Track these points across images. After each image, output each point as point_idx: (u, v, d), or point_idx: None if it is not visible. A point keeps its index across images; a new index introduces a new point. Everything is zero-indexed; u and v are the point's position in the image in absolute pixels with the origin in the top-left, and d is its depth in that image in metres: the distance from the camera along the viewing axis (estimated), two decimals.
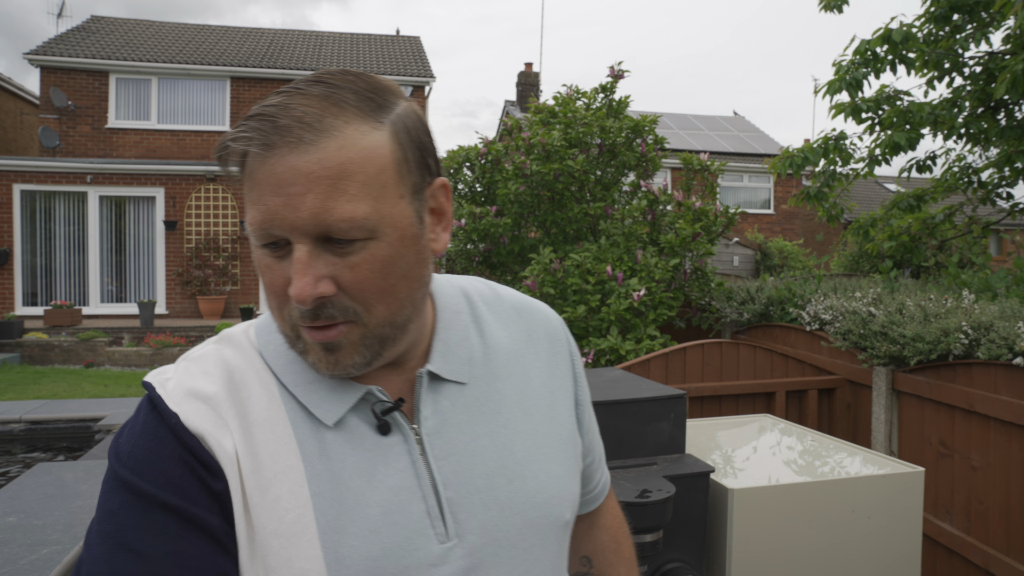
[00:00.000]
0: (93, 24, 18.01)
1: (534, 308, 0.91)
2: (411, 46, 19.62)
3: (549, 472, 0.80)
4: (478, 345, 0.82)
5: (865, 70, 5.99)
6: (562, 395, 0.87)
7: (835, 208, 6.73)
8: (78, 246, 13.23)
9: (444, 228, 0.75)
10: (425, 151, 0.71)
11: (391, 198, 0.67)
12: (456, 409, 0.76)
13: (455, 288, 0.86)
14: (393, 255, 0.67)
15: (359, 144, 0.65)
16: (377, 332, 0.69)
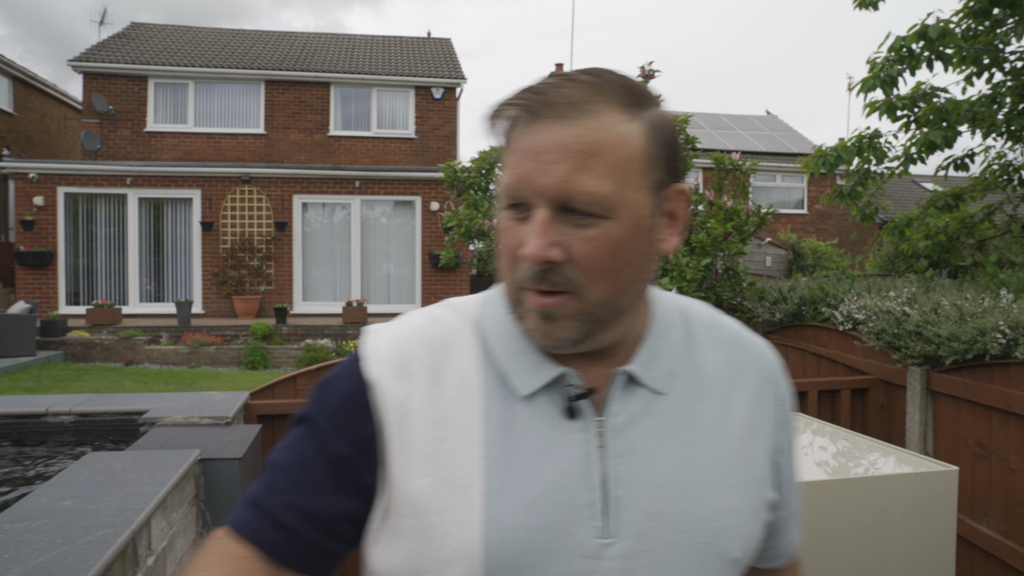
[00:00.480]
0: (133, 31, 18.42)
1: (752, 342, 0.87)
2: (442, 48, 19.75)
3: (727, 502, 0.76)
4: (684, 361, 0.81)
5: (900, 67, 5.91)
6: (762, 435, 0.82)
7: (869, 207, 6.65)
8: (118, 247, 13.55)
9: (674, 232, 0.77)
10: (672, 154, 0.74)
11: (633, 185, 0.70)
12: (646, 415, 0.76)
13: (674, 304, 0.86)
14: (624, 238, 0.70)
15: (614, 129, 0.69)
16: (593, 310, 0.71)
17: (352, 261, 14.14)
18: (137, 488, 1.98)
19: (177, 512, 2.19)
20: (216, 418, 2.95)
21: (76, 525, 1.71)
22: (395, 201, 14.29)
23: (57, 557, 1.54)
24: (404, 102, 17.49)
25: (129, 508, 1.82)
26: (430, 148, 17.38)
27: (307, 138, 16.98)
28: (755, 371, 0.84)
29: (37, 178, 13.06)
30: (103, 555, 1.55)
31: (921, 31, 5.71)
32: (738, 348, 0.85)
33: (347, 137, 17.10)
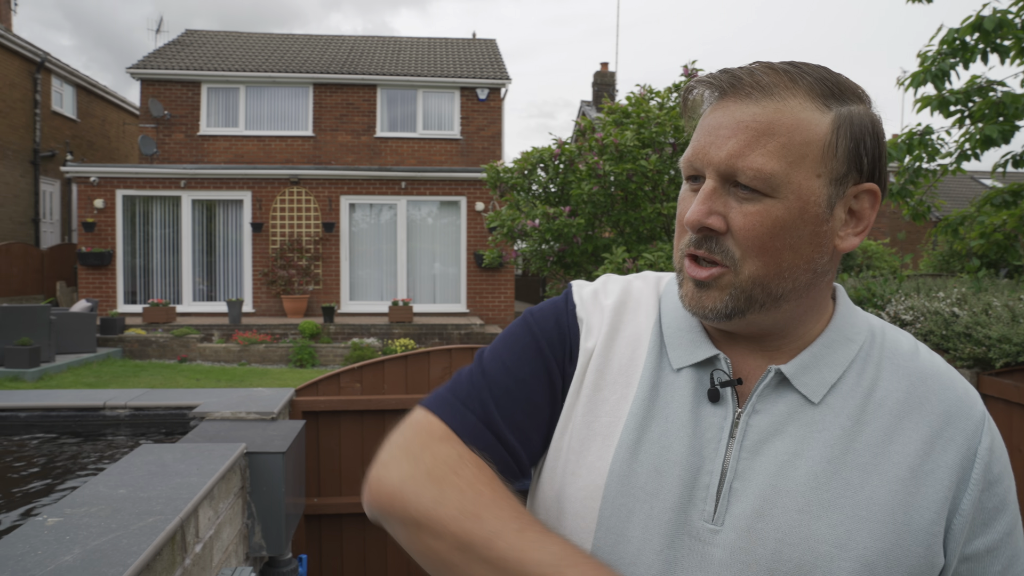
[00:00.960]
0: (187, 38, 18.97)
1: (946, 383, 0.78)
2: (487, 49, 19.86)
3: (851, 534, 0.70)
4: (852, 379, 0.76)
5: (953, 60, 5.75)
6: (931, 483, 0.73)
7: (921, 206, 6.48)
8: (173, 247, 13.98)
9: (856, 233, 0.75)
10: (862, 152, 0.73)
11: (806, 171, 0.71)
12: (789, 419, 0.74)
13: (866, 323, 0.81)
14: (786, 219, 0.71)
15: (796, 114, 0.71)
16: (746, 286, 0.73)
17: (398, 261, 14.32)
18: (186, 479, 2.06)
19: (224, 503, 2.27)
20: (262, 414, 3.05)
21: (129, 512, 1.80)
22: (440, 201, 14.42)
23: (112, 540, 1.62)
24: (449, 103, 17.65)
25: (178, 497, 1.90)
26: (475, 148, 17.49)
27: (354, 140, 17.25)
28: (938, 412, 0.76)
29: (97, 181, 13.56)
30: (153, 540, 1.63)
31: (976, 23, 5.55)
32: (925, 384, 0.77)
33: (393, 138, 17.33)
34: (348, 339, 12.21)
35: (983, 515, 0.75)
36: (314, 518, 3.62)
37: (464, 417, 0.80)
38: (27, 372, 9.00)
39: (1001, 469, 0.77)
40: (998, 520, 0.76)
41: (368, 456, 3.82)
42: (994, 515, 0.76)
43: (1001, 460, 0.77)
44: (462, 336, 12.56)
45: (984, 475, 0.75)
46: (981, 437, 0.76)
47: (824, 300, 0.79)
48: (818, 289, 0.77)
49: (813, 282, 0.76)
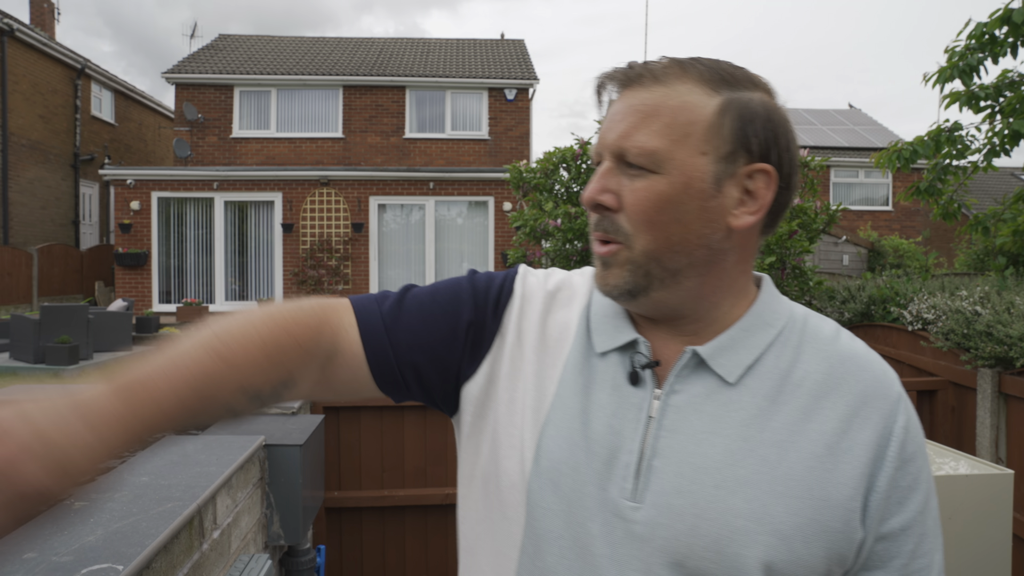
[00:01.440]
0: (220, 42, 19.33)
1: (866, 366, 0.80)
2: (515, 49, 19.92)
3: (767, 508, 0.73)
4: (771, 361, 0.79)
5: (981, 55, 5.68)
6: (848, 460, 0.75)
7: (951, 204, 6.39)
8: (206, 248, 14.27)
9: (751, 212, 0.78)
10: (749, 133, 0.76)
11: (689, 149, 0.75)
12: (707, 399, 0.77)
13: (788, 310, 0.84)
14: (670, 194, 0.75)
15: (682, 97, 0.76)
16: (641, 261, 0.77)
17: (426, 261, 14.45)
18: (205, 468, 2.16)
19: (242, 492, 2.36)
20: (283, 408, 3.14)
21: (150, 498, 1.89)
22: (468, 202, 14.52)
23: (132, 523, 1.71)
24: (477, 104, 17.74)
25: (196, 485, 1.99)
26: (503, 149, 17.56)
27: (383, 141, 17.44)
28: (856, 392, 0.78)
29: (134, 184, 13.90)
30: (171, 524, 1.71)
31: (1004, 16, 5.48)
32: (844, 366, 0.79)
33: (422, 139, 17.47)
34: None
35: (898, 493, 0.77)
36: (335, 511, 3.72)
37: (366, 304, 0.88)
38: (67, 369, 9.28)
39: (915, 448, 0.78)
40: (911, 499, 0.77)
41: (387, 451, 3.91)
42: (908, 493, 0.77)
43: (916, 439, 0.79)
44: None
45: (899, 453, 0.77)
46: (897, 416, 0.78)
47: (739, 285, 0.82)
48: (721, 269, 0.79)
49: (712, 260, 0.78)
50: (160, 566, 1.68)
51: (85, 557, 1.52)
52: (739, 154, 0.77)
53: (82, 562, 1.50)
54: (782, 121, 0.79)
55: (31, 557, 1.51)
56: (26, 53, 16.57)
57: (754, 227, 0.79)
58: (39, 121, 17.03)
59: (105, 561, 1.51)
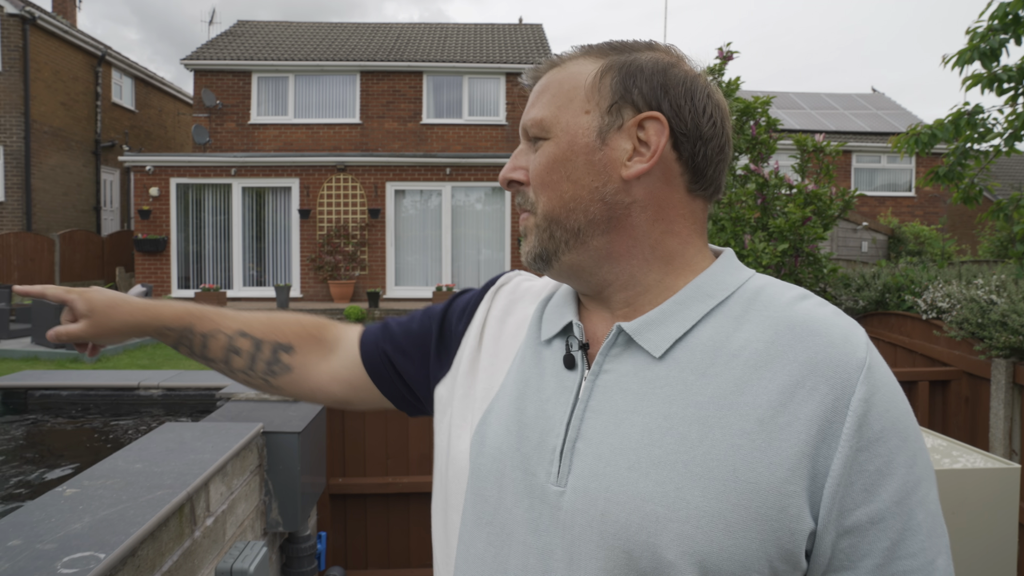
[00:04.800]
0: (239, 28, 19.38)
1: (819, 330, 0.71)
2: (533, 34, 19.77)
3: (681, 492, 0.66)
4: (706, 334, 0.73)
5: (1004, 36, 5.52)
6: (784, 437, 0.66)
7: (973, 189, 6.26)
8: (224, 234, 14.39)
9: (643, 160, 0.76)
10: (631, 85, 0.77)
11: (573, 111, 0.78)
12: (634, 377, 0.73)
13: (735, 280, 0.78)
14: (559, 155, 0.78)
15: (569, 70, 0.81)
16: (543, 224, 0.79)
17: (443, 247, 14.46)
18: (200, 455, 2.16)
19: (238, 479, 2.37)
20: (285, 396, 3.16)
21: (141, 485, 1.90)
22: (486, 188, 14.49)
23: (120, 511, 1.72)
24: (495, 89, 17.66)
25: (189, 472, 2.00)
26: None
27: (400, 126, 17.42)
28: (801, 361, 0.69)
29: (153, 170, 14.02)
30: (158, 511, 1.72)
31: None
32: (793, 332, 0.70)
33: (439, 125, 17.44)
34: None
35: (863, 479, 0.66)
36: (339, 497, 3.73)
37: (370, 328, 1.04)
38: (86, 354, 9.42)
39: (885, 426, 0.67)
40: (883, 486, 0.66)
41: (391, 439, 3.92)
42: (877, 479, 0.66)
43: (886, 415, 0.67)
44: None
45: (858, 430, 0.66)
46: (855, 387, 0.67)
47: (667, 250, 0.79)
48: (630, 225, 0.78)
49: (612, 215, 0.77)
50: (147, 553, 1.69)
51: (69, 545, 1.53)
52: (623, 107, 0.77)
53: (65, 550, 1.51)
54: (680, 75, 0.78)
55: (15, 545, 1.52)
56: (48, 41, 16.73)
57: (659, 179, 0.77)
58: (61, 108, 17.21)
59: (88, 549, 1.51)
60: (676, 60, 0.80)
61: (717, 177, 0.81)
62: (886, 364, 0.72)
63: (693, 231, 0.80)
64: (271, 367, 1.03)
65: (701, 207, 0.81)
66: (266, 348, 1.03)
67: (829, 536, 0.66)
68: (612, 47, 0.81)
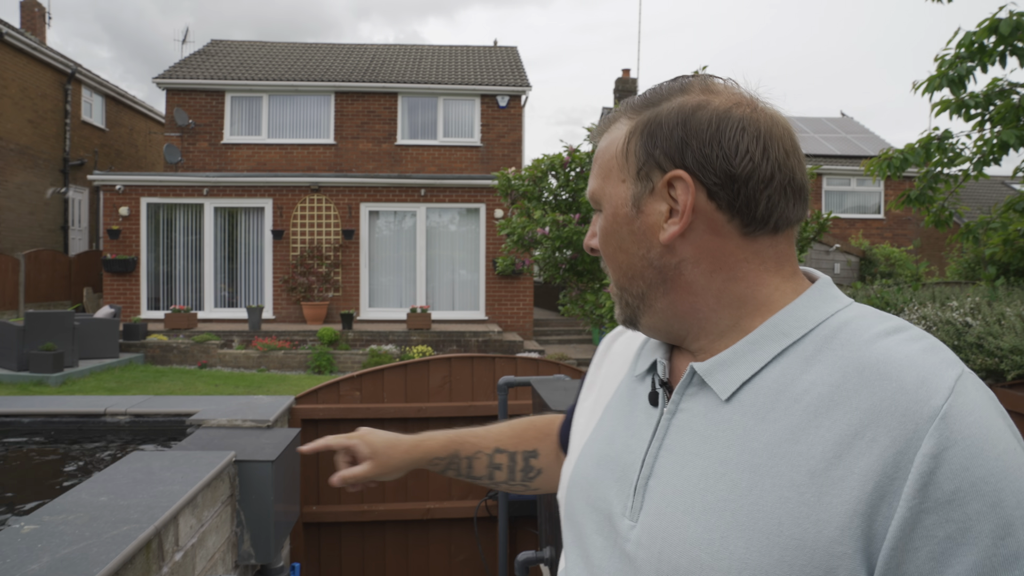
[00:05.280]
0: (212, 48, 19.27)
1: (887, 372, 0.64)
2: (508, 56, 19.91)
3: (727, 543, 0.65)
4: (774, 375, 0.70)
5: (971, 64, 5.64)
6: (837, 492, 0.61)
7: (943, 212, 6.36)
8: (195, 254, 14.17)
9: (674, 223, 0.75)
10: (655, 145, 0.76)
11: (614, 180, 0.80)
12: (704, 418, 0.73)
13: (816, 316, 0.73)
14: (607, 228, 0.81)
15: (609, 137, 0.82)
16: (618, 293, 0.83)
17: (417, 268, 14.37)
18: (169, 487, 2.07)
19: (209, 511, 2.28)
20: (258, 421, 3.06)
21: (106, 520, 1.81)
22: (460, 209, 14.46)
23: (83, 549, 1.63)
24: (470, 110, 17.71)
25: (157, 505, 1.91)
26: (495, 156, 17.52)
27: (375, 147, 17.38)
28: (864, 408, 0.63)
29: (123, 189, 13.79)
30: (124, 549, 1.63)
31: (993, 25, 5.44)
32: (862, 376, 0.65)
33: (414, 146, 17.43)
34: (366, 346, 12.27)
35: (930, 546, 0.58)
36: (313, 526, 3.63)
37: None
38: (51, 377, 9.16)
39: (961, 486, 0.58)
40: (959, 555, 0.57)
41: None
42: (952, 548, 0.58)
43: (964, 474, 0.58)
44: (480, 343, 12.56)
45: (922, 489, 0.58)
46: (921, 440, 0.59)
47: (737, 295, 0.76)
48: (685, 283, 0.77)
49: (665, 278, 0.78)
50: None
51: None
52: (651, 170, 0.77)
53: None
54: (705, 118, 0.75)
55: None
56: (15, 57, 16.46)
57: (704, 232, 0.75)
58: (28, 126, 16.91)
59: None
60: (704, 100, 0.76)
61: (774, 209, 0.74)
62: (988, 414, 0.62)
63: (764, 270, 0.76)
64: (527, 474, 1.15)
65: (768, 243, 0.76)
66: (519, 459, 1.15)
67: None
68: (646, 102, 0.80)
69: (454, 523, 3.77)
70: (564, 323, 16.12)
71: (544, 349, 13.08)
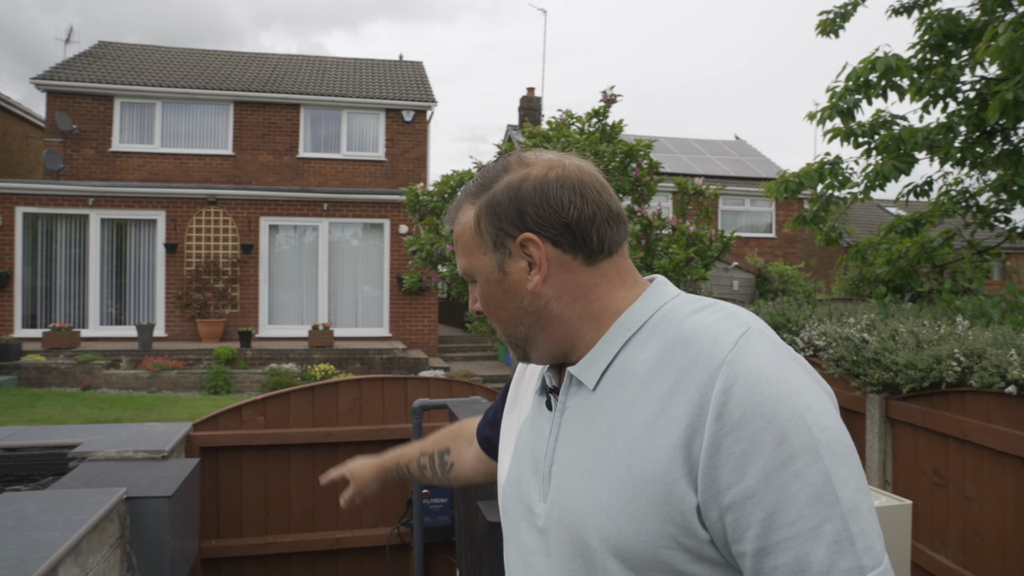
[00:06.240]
0: (100, 49, 18.20)
1: (692, 339, 0.84)
2: (413, 71, 19.78)
3: (595, 491, 0.84)
4: (621, 360, 0.89)
5: (858, 97, 5.98)
6: (663, 435, 0.81)
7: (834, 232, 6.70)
8: (79, 268, 13.24)
9: (537, 272, 0.93)
10: (499, 220, 0.93)
11: (477, 255, 0.96)
12: (580, 408, 0.92)
13: (650, 309, 0.92)
14: (485, 293, 0.98)
15: (461, 222, 0.98)
16: (508, 339, 0.99)
17: (319, 284, 13.97)
18: (47, 533, 1.85)
19: (95, 557, 2.06)
20: (152, 452, 2.82)
21: None
22: (364, 224, 14.18)
23: None
24: (374, 124, 17.45)
25: (32, 557, 1.69)
26: (400, 171, 17.32)
27: (276, 160, 16.84)
28: (677, 369, 0.82)
29: None
30: None
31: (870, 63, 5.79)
32: (676, 346, 0.85)
33: (316, 159, 16.99)
34: (266, 364, 11.78)
35: (731, 460, 0.76)
36: (212, 561, 3.39)
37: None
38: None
39: (746, 411, 0.76)
40: (751, 464, 0.75)
41: (271, 494, 3.61)
42: (744, 460, 0.75)
43: (746, 401, 0.76)
44: (384, 361, 12.30)
45: (718, 418, 0.77)
46: (715, 381, 0.78)
47: (593, 313, 0.94)
48: (554, 318, 0.94)
49: (540, 318, 0.95)
50: None
51: None
52: (502, 239, 0.94)
53: None
54: (529, 188, 0.93)
55: None
56: None
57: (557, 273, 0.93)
58: None
59: None
60: (524, 173, 0.94)
61: (604, 237, 0.93)
62: (765, 357, 0.80)
63: (611, 287, 0.94)
64: (444, 468, 1.42)
65: (608, 264, 0.94)
66: (436, 457, 1.43)
67: (714, 512, 0.77)
68: (480, 187, 0.97)
69: (365, 552, 3.61)
70: (469, 340, 16.04)
71: (449, 366, 12.94)
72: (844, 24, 6.87)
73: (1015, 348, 3.02)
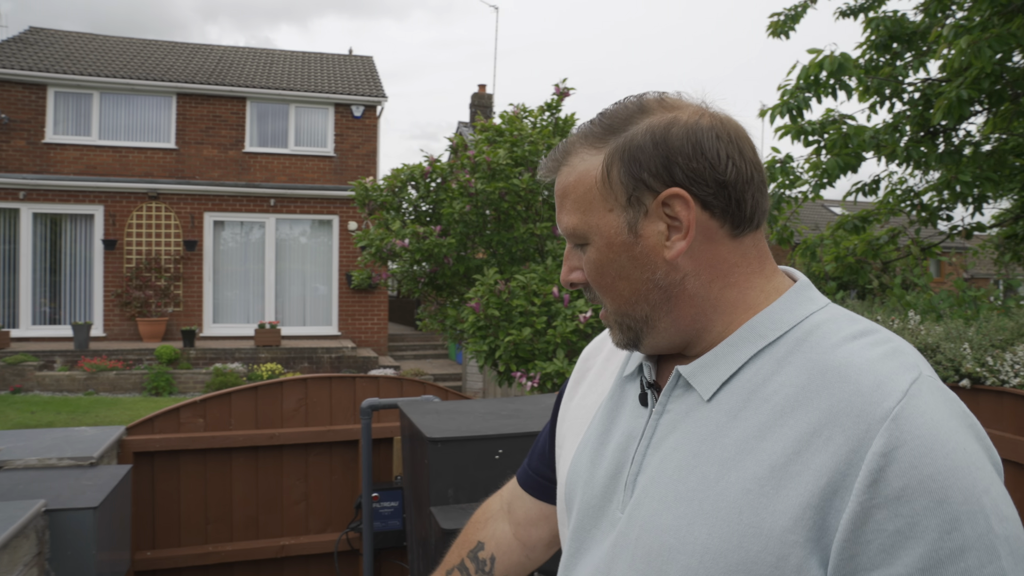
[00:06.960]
0: (32, 35, 17.43)
1: (851, 376, 0.68)
2: (363, 66, 19.46)
3: (692, 528, 0.70)
4: (748, 375, 0.75)
5: (808, 95, 6.04)
6: (793, 486, 0.66)
7: (785, 231, 6.77)
8: (9, 265, 12.65)
9: (681, 238, 0.77)
10: (640, 169, 0.76)
11: (598, 212, 0.79)
12: (687, 417, 0.77)
13: (794, 317, 0.77)
14: (603, 259, 0.80)
15: (577, 169, 0.81)
16: (619, 320, 0.82)
17: (266, 281, 13.63)
18: None
19: None
20: (78, 459, 2.64)
21: None
22: (312, 220, 13.89)
23: None
24: (323, 119, 17.08)
25: None
26: (349, 167, 17.01)
27: (221, 154, 16.35)
28: (823, 408, 0.67)
29: None
30: None
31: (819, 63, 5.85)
32: (824, 378, 0.69)
33: (263, 154, 16.55)
34: (211, 364, 11.43)
35: (881, 538, 0.61)
36: (147, 573, 3.20)
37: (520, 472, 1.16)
38: None
39: (910, 483, 0.61)
40: (907, 548, 0.61)
41: (212, 501, 3.43)
42: (900, 541, 0.61)
43: (912, 472, 0.61)
44: (333, 360, 12.06)
45: (872, 485, 0.62)
46: (873, 438, 0.63)
47: (729, 301, 0.79)
48: (687, 298, 0.79)
49: (670, 296, 0.79)
50: None
51: None
52: (641, 195, 0.77)
53: None
54: (680, 134, 0.77)
55: None
56: None
57: (701, 242, 0.77)
58: None
59: None
60: (672, 116, 0.78)
61: (756, 206, 0.79)
62: (940, 416, 0.65)
63: (750, 272, 0.80)
64: (483, 569, 1.12)
65: (751, 241, 0.80)
66: (468, 561, 1.13)
67: None
68: (606, 128, 0.80)
69: (312, 560, 3.46)
70: (420, 338, 15.87)
71: (400, 365, 12.77)
72: (794, 26, 6.95)
73: (968, 342, 3.04)
